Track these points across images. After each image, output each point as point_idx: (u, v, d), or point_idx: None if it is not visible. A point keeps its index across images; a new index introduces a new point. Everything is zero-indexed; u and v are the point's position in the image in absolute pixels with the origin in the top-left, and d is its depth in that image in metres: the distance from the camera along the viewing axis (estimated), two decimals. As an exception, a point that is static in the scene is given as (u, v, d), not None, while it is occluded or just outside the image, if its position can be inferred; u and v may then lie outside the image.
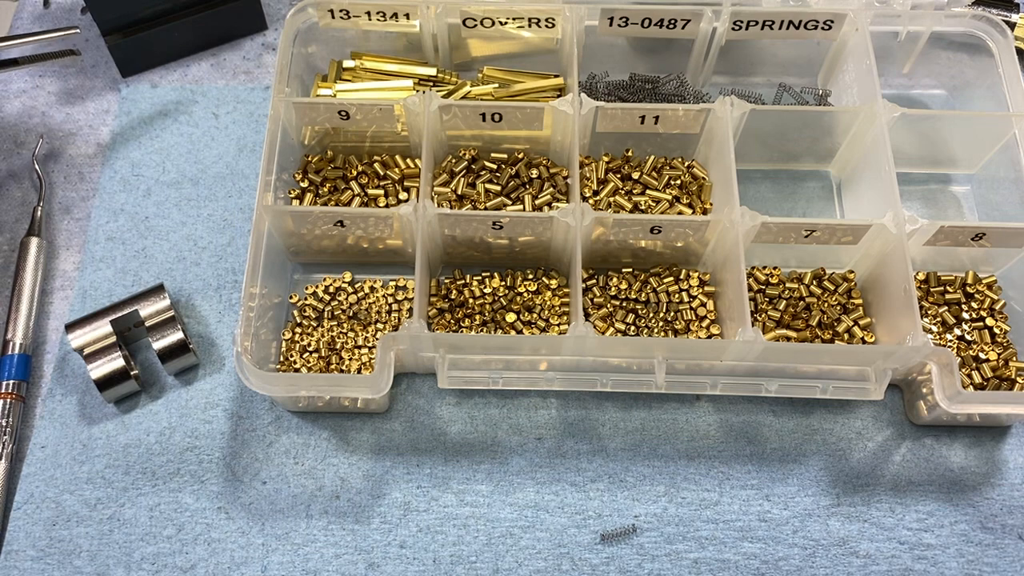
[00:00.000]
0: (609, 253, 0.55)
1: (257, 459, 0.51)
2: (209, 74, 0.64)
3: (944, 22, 0.58)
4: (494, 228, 0.51)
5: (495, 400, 0.53)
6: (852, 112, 0.55)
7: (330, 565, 0.48)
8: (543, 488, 0.50)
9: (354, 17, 0.57)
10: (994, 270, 0.56)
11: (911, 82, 0.63)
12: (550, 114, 0.54)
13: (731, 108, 0.54)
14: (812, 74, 0.64)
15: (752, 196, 0.60)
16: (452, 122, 0.55)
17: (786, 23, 0.57)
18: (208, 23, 0.63)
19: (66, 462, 0.51)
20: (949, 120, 0.58)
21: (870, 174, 0.55)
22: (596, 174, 0.57)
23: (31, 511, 0.49)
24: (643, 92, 0.62)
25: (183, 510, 0.49)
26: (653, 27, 0.57)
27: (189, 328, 0.55)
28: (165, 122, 0.62)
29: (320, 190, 0.57)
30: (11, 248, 0.57)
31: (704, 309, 0.54)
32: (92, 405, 0.52)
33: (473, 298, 0.54)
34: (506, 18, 0.57)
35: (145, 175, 0.60)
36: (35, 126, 0.62)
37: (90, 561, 0.48)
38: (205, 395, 0.53)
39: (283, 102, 0.53)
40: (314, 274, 0.56)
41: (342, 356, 0.53)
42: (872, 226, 0.51)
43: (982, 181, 0.60)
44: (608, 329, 0.53)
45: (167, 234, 0.58)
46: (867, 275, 0.54)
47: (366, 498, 0.50)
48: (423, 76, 0.60)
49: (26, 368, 0.53)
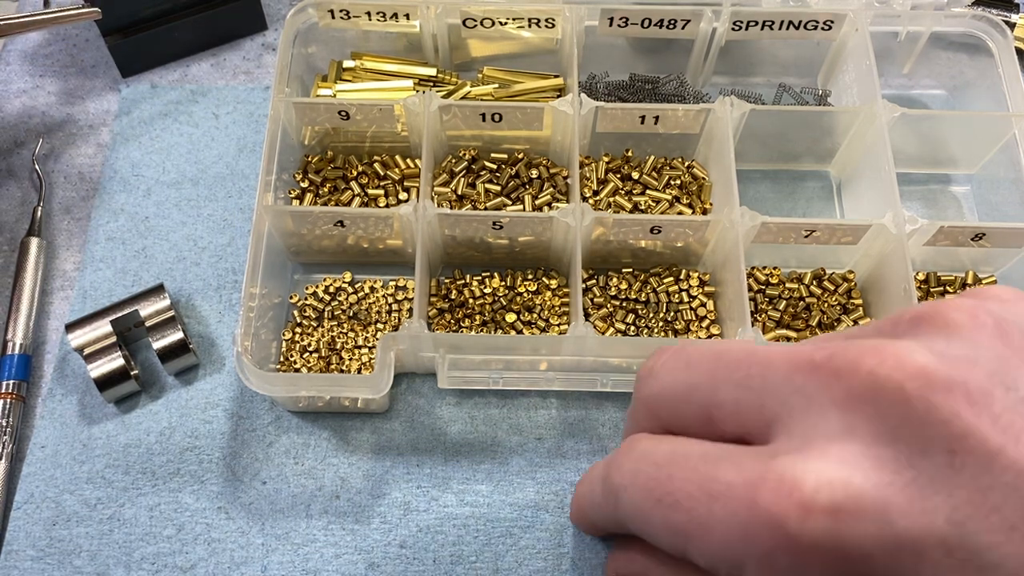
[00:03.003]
0: (609, 253, 0.55)
1: (257, 459, 0.51)
2: (209, 74, 0.64)
3: (944, 22, 0.58)
4: (494, 228, 0.51)
5: (495, 400, 0.53)
6: (852, 112, 0.55)
7: (330, 565, 0.48)
8: (543, 488, 0.50)
9: (354, 17, 0.57)
10: (994, 270, 0.56)
11: (911, 82, 0.63)
12: (550, 114, 0.54)
13: (731, 108, 0.54)
14: (812, 74, 0.64)
15: (752, 196, 0.60)
16: (452, 122, 0.55)
17: (786, 23, 0.57)
18: (208, 23, 0.63)
19: (66, 462, 0.51)
20: (949, 120, 0.58)
21: (870, 174, 0.55)
22: (596, 174, 0.57)
23: (31, 511, 0.49)
24: (643, 92, 0.62)
25: (183, 510, 0.49)
26: (653, 27, 0.57)
27: (189, 328, 0.55)
28: (165, 122, 0.62)
29: (320, 190, 0.57)
30: (11, 248, 0.57)
31: (704, 309, 0.54)
32: (92, 405, 0.52)
33: (473, 298, 0.54)
34: (506, 18, 0.57)
35: (145, 175, 0.60)
36: (35, 126, 0.62)
37: (90, 561, 0.48)
38: (205, 395, 0.53)
39: (283, 102, 0.53)
40: (314, 274, 0.57)
41: (342, 356, 0.53)
42: (872, 226, 0.51)
43: (982, 181, 0.60)
44: (608, 329, 0.53)
45: (167, 234, 0.58)
46: (867, 275, 0.54)
47: (366, 498, 0.50)
48: (423, 76, 0.60)
49: (26, 368, 0.53)
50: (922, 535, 0.24)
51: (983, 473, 0.23)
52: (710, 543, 0.27)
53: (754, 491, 0.25)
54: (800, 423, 0.27)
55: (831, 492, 0.24)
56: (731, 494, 0.26)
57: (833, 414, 0.26)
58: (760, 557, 0.25)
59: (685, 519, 0.28)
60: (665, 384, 0.31)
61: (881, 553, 0.24)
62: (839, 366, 0.26)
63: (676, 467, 0.29)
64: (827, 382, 0.26)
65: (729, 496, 0.26)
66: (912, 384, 0.25)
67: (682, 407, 0.31)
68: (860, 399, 0.25)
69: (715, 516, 0.27)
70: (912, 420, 0.25)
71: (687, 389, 0.31)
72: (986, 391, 0.24)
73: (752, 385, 0.28)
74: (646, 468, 0.30)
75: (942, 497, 0.24)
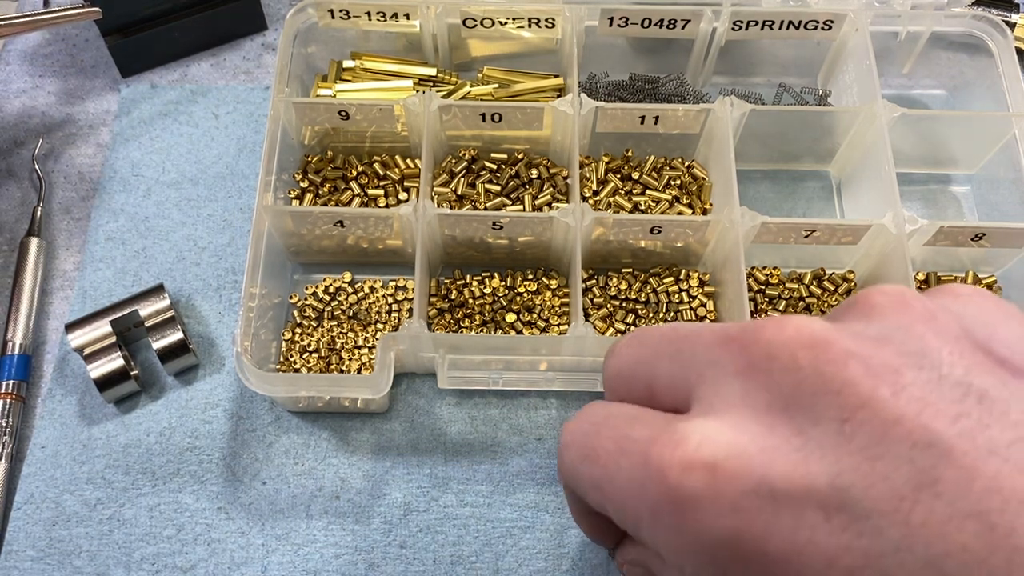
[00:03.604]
0: (609, 253, 0.55)
1: (257, 459, 0.51)
2: (209, 74, 0.64)
3: (944, 22, 0.58)
4: (494, 228, 0.51)
5: (495, 400, 0.53)
6: (852, 112, 0.55)
7: (330, 565, 0.48)
8: (543, 488, 0.50)
9: (354, 17, 0.57)
10: (994, 270, 0.56)
11: (911, 82, 0.63)
12: (550, 114, 0.54)
13: (731, 108, 0.54)
14: (812, 74, 0.64)
15: (752, 196, 0.60)
16: (452, 122, 0.55)
17: (786, 23, 0.57)
18: (208, 23, 0.63)
19: (66, 462, 0.51)
20: (949, 120, 0.58)
21: (870, 174, 0.55)
22: (596, 174, 0.57)
23: (31, 511, 0.49)
24: (643, 92, 0.62)
25: (183, 510, 0.49)
26: (653, 27, 0.57)
27: (189, 328, 0.55)
28: (165, 122, 0.62)
29: (320, 190, 0.57)
30: (11, 248, 0.57)
31: (704, 309, 0.54)
32: (92, 405, 0.52)
33: (473, 298, 0.54)
34: (506, 18, 0.57)
35: (145, 175, 0.60)
36: (35, 126, 0.62)
37: (90, 561, 0.48)
38: (205, 395, 0.53)
39: (283, 102, 0.53)
40: (314, 274, 0.57)
41: (342, 356, 0.53)
42: (872, 226, 0.51)
43: (982, 181, 0.60)
44: (608, 329, 0.53)
45: (167, 234, 0.58)
46: (867, 275, 0.54)
47: (366, 498, 0.50)
48: (423, 76, 0.60)
49: (26, 368, 0.53)
50: (800, 496, 0.24)
51: (876, 443, 0.23)
52: (616, 496, 0.29)
53: (649, 446, 0.27)
54: (709, 392, 0.28)
55: (713, 449, 0.25)
56: (634, 449, 0.28)
57: (736, 383, 0.27)
58: (650, 511, 0.27)
59: (600, 473, 0.29)
60: (621, 362, 0.33)
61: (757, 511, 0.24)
62: (746, 338, 0.27)
63: (604, 425, 0.30)
64: (734, 353, 0.27)
65: (633, 451, 0.28)
66: (805, 353, 0.25)
67: (631, 383, 0.32)
68: (757, 368, 0.26)
69: (621, 470, 0.28)
70: (804, 389, 0.25)
71: (635, 364, 0.32)
72: (892, 367, 0.24)
73: (683, 359, 0.29)
74: (584, 427, 0.31)
75: (828, 462, 0.24)
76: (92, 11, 0.57)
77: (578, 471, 0.31)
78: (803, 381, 0.25)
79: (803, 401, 0.25)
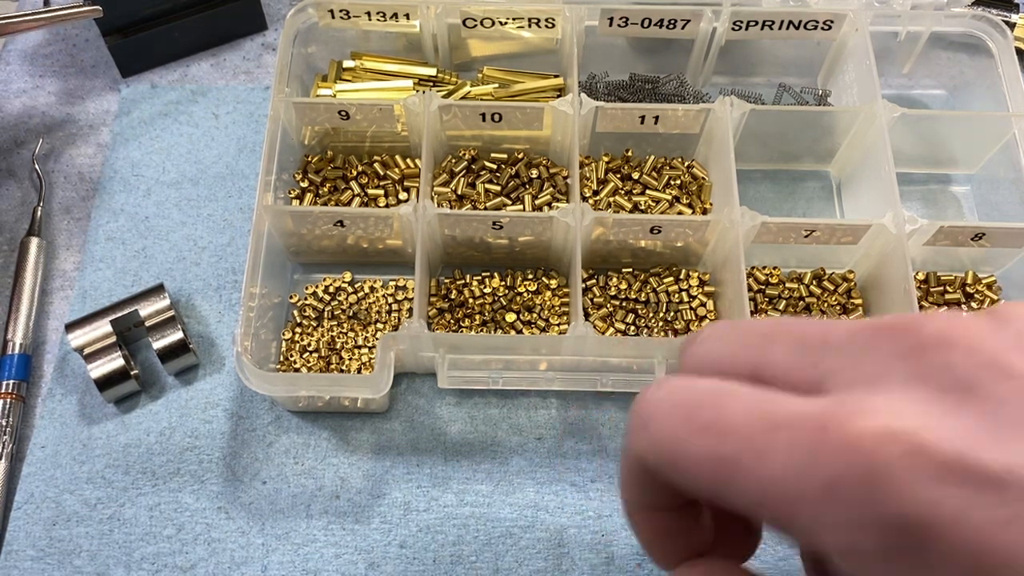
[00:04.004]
0: (609, 253, 0.55)
1: (257, 459, 0.51)
2: (209, 74, 0.64)
3: (944, 22, 0.58)
4: (494, 228, 0.51)
5: (495, 400, 0.53)
6: (852, 112, 0.55)
7: (330, 565, 0.48)
8: (543, 488, 0.50)
9: (354, 17, 0.57)
10: (994, 270, 0.56)
11: (911, 82, 0.63)
12: (550, 114, 0.54)
13: (731, 108, 0.54)
14: (812, 74, 0.64)
15: (752, 196, 0.60)
16: (452, 122, 0.55)
17: (786, 23, 0.57)
18: (208, 23, 0.63)
19: (66, 462, 0.51)
20: (949, 120, 0.58)
21: (870, 174, 0.55)
22: (596, 174, 0.57)
23: (31, 511, 0.49)
24: (643, 92, 0.62)
25: (183, 510, 0.49)
26: (653, 27, 0.57)
27: (189, 328, 0.55)
28: (165, 122, 0.62)
29: (320, 190, 0.57)
30: (11, 248, 0.57)
31: (704, 309, 0.54)
32: (92, 405, 0.52)
33: (473, 298, 0.54)
34: (506, 18, 0.57)
35: (145, 175, 0.60)
36: (35, 126, 0.62)
37: (90, 561, 0.48)
38: (205, 395, 0.53)
39: (283, 102, 0.53)
40: (314, 274, 0.57)
41: (342, 356, 0.53)
42: (872, 226, 0.51)
43: (982, 181, 0.60)
44: (608, 329, 0.53)
45: (167, 234, 0.58)
46: (867, 275, 0.54)
47: (366, 498, 0.50)
48: (423, 76, 0.60)
49: (26, 368, 0.53)
50: (1003, 472, 0.23)
51: None
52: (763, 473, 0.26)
53: (827, 419, 0.25)
54: (865, 374, 0.27)
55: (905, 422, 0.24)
56: (798, 424, 0.26)
57: (899, 364, 0.26)
58: (823, 486, 0.25)
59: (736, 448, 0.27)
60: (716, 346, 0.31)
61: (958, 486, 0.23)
62: (911, 325, 0.26)
63: (727, 396, 0.29)
64: (897, 338, 0.26)
65: (796, 426, 0.26)
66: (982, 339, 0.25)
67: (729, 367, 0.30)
68: (927, 349, 0.26)
69: (778, 443, 0.26)
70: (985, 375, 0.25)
71: (738, 349, 0.30)
72: None
73: (811, 343, 0.28)
74: (686, 396, 0.29)
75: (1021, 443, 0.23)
76: (93, 9, 0.57)
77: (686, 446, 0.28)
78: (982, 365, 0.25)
79: (985, 387, 0.24)
